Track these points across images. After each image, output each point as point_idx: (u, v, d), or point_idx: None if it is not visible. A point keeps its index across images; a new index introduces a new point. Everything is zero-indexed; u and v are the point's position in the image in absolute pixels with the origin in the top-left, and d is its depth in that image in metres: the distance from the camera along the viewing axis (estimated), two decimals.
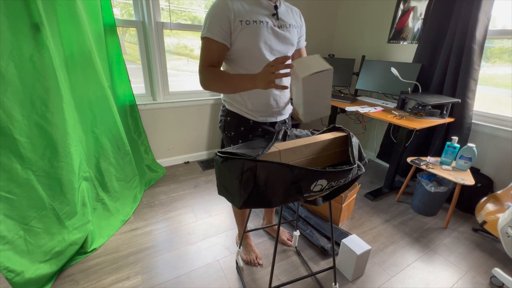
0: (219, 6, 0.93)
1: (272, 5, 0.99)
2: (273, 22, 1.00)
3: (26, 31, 1.15)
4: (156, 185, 2.17)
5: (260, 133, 1.14)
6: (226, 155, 0.79)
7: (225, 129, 1.16)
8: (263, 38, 0.97)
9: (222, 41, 0.94)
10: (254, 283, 1.33)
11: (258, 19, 0.96)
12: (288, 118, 1.24)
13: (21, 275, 1.14)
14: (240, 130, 1.13)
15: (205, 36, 0.95)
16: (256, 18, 0.95)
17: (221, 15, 0.92)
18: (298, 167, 0.74)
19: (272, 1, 0.99)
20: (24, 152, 1.18)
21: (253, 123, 1.12)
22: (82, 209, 1.44)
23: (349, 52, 2.80)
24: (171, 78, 2.27)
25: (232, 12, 0.92)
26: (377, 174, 2.51)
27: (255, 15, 0.96)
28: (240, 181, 0.76)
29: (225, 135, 1.18)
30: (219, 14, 0.92)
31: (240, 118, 1.12)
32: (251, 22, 0.94)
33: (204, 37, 0.96)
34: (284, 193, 0.78)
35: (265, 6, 0.98)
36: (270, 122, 1.15)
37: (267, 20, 0.98)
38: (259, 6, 0.97)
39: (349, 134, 0.97)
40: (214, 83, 0.97)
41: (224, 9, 0.92)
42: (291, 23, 1.05)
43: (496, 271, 1.35)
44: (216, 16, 0.93)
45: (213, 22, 0.93)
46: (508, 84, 1.85)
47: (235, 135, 1.14)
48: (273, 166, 0.74)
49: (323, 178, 0.78)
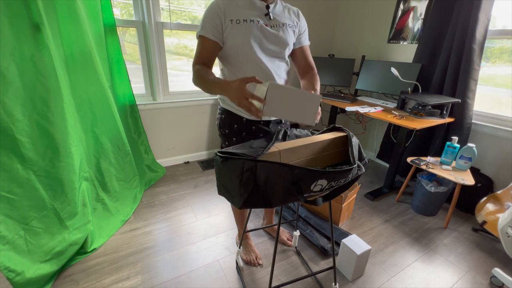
0: (212, 6, 0.98)
1: (264, 5, 1.01)
2: (265, 22, 1.02)
3: (27, 31, 1.15)
4: (156, 185, 2.17)
5: (254, 131, 1.16)
6: (226, 155, 0.79)
7: (220, 127, 1.19)
8: (253, 36, 1.00)
9: (214, 39, 0.98)
10: (254, 283, 1.33)
11: (249, 18, 0.99)
12: None
13: (21, 275, 1.14)
14: (234, 127, 1.15)
15: (199, 34, 1.00)
16: (247, 17, 0.98)
17: (213, 14, 0.97)
18: (298, 167, 0.74)
19: (265, 1, 1.01)
20: (25, 152, 1.18)
21: (246, 121, 1.14)
22: (83, 209, 1.44)
23: (349, 52, 2.80)
24: (171, 78, 2.27)
25: (223, 11, 0.96)
26: (377, 174, 2.51)
27: (247, 14, 0.99)
28: (240, 181, 0.76)
29: (220, 133, 1.21)
30: (211, 13, 0.97)
31: (233, 116, 1.14)
32: (241, 21, 0.98)
33: (198, 36, 1.00)
34: (284, 193, 0.78)
35: (258, 7, 1.01)
36: (264, 121, 1.17)
37: (258, 19, 1.00)
38: (251, 6, 1.00)
39: (349, 134, 0.97)
40: (198, 82, 0.98)
41: (216, 9, 0.96)
42: (286, 23, 1.06)
43: (496, 271, 1.35)
44: (209, 15, 0.97)
45: (206, 21, 0.98)
46: (508, 84, 1.85)
47: (229, 133, 1.17)
48: (273, 166, 0.74)
49: (323, 178, 0.78)
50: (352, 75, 2.54)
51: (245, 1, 1.00)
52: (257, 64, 1.04)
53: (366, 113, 1.94)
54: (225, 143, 1.20)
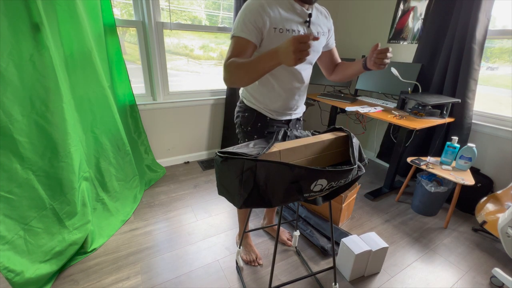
0: (256, 7, 0.91)
1: (306, 12, 0.99)
2: (304, 31, 1.00)
3: (26, 31, 1.15)
4: (156, 185, 2.17)
5: (274, 130, 1.18)
6: (226, 155, 0.79)
7: (242, 124, 1.20)
8: None
9: (254, 41, 0.93)
10: (254, 283, 1.33)
11: (291, 28, 0.96)
12: (302, 116, 1.29)
13: (21, 275, 1.14)
14: (257, 126, 1.17)
15: (237, 35, 0.92)
16: (289, 27, 0.96)
17: (257, 17, 0.91)
18: (298, 166, 0.74)
19: (305, 7, 0.98)
20: (24, 152, 1.18)
21: (270, 120, 1.17)
22: (82, 209, 1.44)
23: (349, 52, 2.80)
24: (171, 78, 2.27)
25: (269, 17, 0.92)
26: (377, 174, 2.51)
27: (288, 23, 0.96)
28: (240, 180, 0.76)
29: (241, 130, 1.21)
30: (255, 15, 0.91)
31: (259, 115, 1.16)
32: (284, 31, 0.95)
33: (236, 36, 0.93)
34: (284, 192, 0.78)
35: (298, 13, 0.98)
36: (285, 120, 1.20)
37: (299, 29, 0.98)
38: (293, 12, 0.97)
39: (350, 135, 0.97)
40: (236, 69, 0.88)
41: (261, 12, 0.91)
42: (320, 31, 1.06)
43: (496, 271, 1.35)
44: (251, 17, 0.91)
45: (247, 23, 0.91)
46: (508, 84, 1.85)
47: (251, 130, 1.18)
48: (273, 165, 0.74)
49: (323, 177, 0.78)
50: None
51: (287, 5, 0.96)
52: (291, 72, 1.06)
53: (366, 113, 1.94)
54: (245, 140, 1.21)
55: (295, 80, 1.09)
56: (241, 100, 1.22)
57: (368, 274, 1.39)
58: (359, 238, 1.39)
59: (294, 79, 1.08)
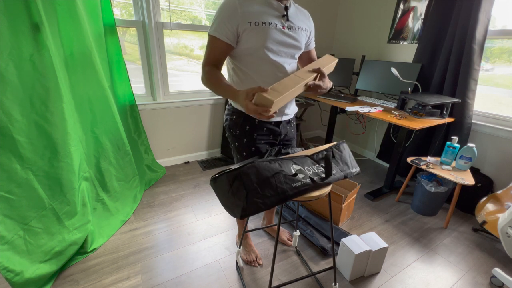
0: (229, 6, 0.93)
1: (282, 6, 0.99)
2: (282, 24, 1.00)
3: (26, 31, 1.15)
4: (156, 185, 2.17)
5: (265, 132, 1.15)
6: (215, 176, 0.87)
7: (231, 128, 1.17)
8: (270, 40, 0.98)
9: (227, 41, 0.96)
10: (254, 283, 1.33)
11: (267, 21, 0.96)
12: (292, 118, 1.26)
13: (20, 275, 1.14)
14: (245, 128, 1.14)
15: (212, 34, 0.97)
16: (265, 20, 0.96)
17: (230, 15, 0.93)
18: (273, 158, 0.87)
19: (283, 3, 0.99)
20: (24, 152, 1.18)
21: (258, 122, 1.13)
22: (82, 209, 1.44)
23: (349, 52, 2.80)
24: (171, 78, 2.27)
25: (241, 13, 0.93)
26: (377, 174, 2.51)
27: (264, 16, 0.96)
28: (232, 193, 0.82)
29: (230, 134, 1.18)
30: (228, 13, 0.93)
31: (246, 117, 1.12)
32: (260, 24, 0.95)
33: (210, 35, 0.97)
34: (275, 186, 0.84)
35: (275, 7, 0.98)
36: (275, 122, 1.17)
37: (276, 22, 0.98)
38: (269, 7, 0.97)
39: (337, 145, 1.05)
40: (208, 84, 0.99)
41: (233, 9, 0.93)
42: (300, 26, 1.05)
43: (496, 271, 1.35)
44: (225, 16, 0.93)
45: (221, 22, 0.94)
46: (508, 84, 1.85)
47: (240, 134, 1.15)
48: (252, 165, 0.82)
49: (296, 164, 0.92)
50: (352, 75, 2.54)
51: (263, 1, 0.97)
52: (273, 65, 1.03)
53: (366, 113, 1.94)
54: (235, 143, 1.18)
55: (278, 71, 1.05)
56: (229, 103, 1.18)
57: (368, 274, 1.39)
58: (359, 238, 1.39)
59: (277, 71, 1.04)
